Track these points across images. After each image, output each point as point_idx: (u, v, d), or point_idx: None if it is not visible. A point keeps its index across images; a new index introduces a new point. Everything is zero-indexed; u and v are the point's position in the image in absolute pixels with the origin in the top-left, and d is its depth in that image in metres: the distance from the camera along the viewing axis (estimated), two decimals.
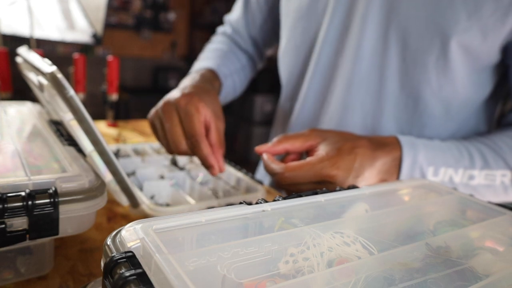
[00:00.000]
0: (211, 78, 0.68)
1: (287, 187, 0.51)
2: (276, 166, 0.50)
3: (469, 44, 0.54)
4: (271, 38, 0.85)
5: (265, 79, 3.54)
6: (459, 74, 0.56)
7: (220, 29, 0.89)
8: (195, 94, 0.54)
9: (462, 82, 0.57)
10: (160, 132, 0.55)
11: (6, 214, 0.33)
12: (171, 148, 0.54)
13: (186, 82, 0.62)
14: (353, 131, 0.62)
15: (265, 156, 0.52)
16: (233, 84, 0.78)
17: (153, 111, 0.57)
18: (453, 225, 0.36)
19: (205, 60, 0.76)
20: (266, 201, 0.33)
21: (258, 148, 0.53)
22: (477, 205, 0.40)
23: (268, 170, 0.51)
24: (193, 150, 0.53)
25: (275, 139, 0.52)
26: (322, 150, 0.50)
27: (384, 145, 0.53)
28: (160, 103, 0.56)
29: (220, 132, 0.55)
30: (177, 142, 0.52)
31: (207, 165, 0.54)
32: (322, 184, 0.49)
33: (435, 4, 0.53)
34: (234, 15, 0.85)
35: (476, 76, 0.58)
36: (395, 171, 0.52)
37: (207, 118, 0.54)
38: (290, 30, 0.69)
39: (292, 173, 0.48)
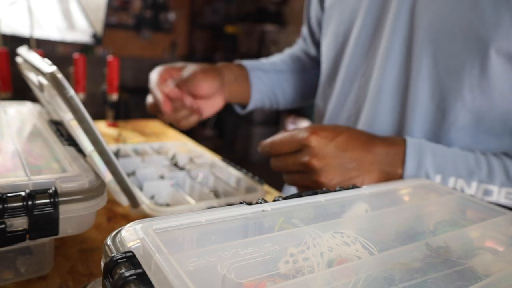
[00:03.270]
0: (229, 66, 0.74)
1: (276, 164, 0.52)
2: (267, 141, 0.53)
3: None
4: None
5: None
6: (499, 86, 0.50)
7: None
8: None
9: (501, 95, 0.50)
10: None
11: (6, 214, 0.33)
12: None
13: None
14: None
15: (262, 142, 0.54)
16: (264, 84, 0.79)
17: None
18: (453, 225, 0.36)
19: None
20: (266, 201, 0.33)
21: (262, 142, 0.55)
22: (477, 205, 0.40)
23: (262, 146, 0.53)
24: None
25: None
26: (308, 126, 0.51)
27: (386, 139, 0.51)
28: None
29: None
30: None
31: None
32: (302, 153, 0.48)
33: (472, 3, 0.47)
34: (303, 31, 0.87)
35: None
36: (399, 167, 0.49)
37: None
38: (325, 33, 0.70)
39: (277, 140, 0.50)
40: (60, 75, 0.36)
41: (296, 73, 0.83)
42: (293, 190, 0.69)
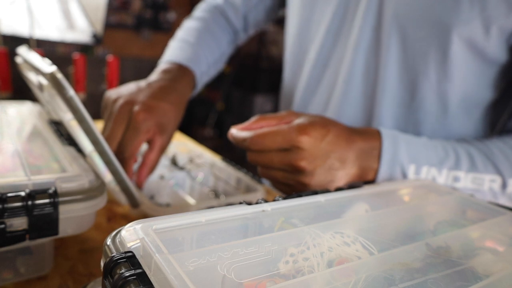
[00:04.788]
0: (183, 83, 0.65)
1: (256, 158, 0.49)
2: (246, 133, 0.49)
3: (472, 37, 0.51)
4: (262, 19, 0.84)
5: (265, 79, 3.54)
6: (460, 68, 0.54)
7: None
8: (155, 110, 0.54)
9: (462, 77, 0.55)
10: (106, 117, 0.55)
11: (6, 214, 0.33)
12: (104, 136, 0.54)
13: (158, 83, 0.60)
14: (351, 123, 0.61)
15: (234, 130, 0.51)
16: (209, 77, 0.77)
17: (115, 94, 0.56)
18: (453, 225, 0.36)
19: (183, 49, 0.71)
20: (266, 201, 0.33)
21: (234, 127, 0.51)
22: (477, 205, 0.40)
23: (238, 139, 0.50)
24: (118, 156, 0.52)
25: (251, 119, 0.51)
26: (295, 121, 0.48)
27: (363, 132, 0.51)
28: (125, 93, 0.55)
29: (160, 151, 0.56)
30: (109, 142, 0.52)
31: (127, 173, 0.54)
32: (291, 153, 0.46)
33: None
34: None
35: (481, 73, 0.55)
36: (375, 162, 0.49)
37: (155, 136, 0.55)
38: (294, 18, 0.71)
39: (261, 136, 0.47)
40: (60, 75, 0.36)
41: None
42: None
